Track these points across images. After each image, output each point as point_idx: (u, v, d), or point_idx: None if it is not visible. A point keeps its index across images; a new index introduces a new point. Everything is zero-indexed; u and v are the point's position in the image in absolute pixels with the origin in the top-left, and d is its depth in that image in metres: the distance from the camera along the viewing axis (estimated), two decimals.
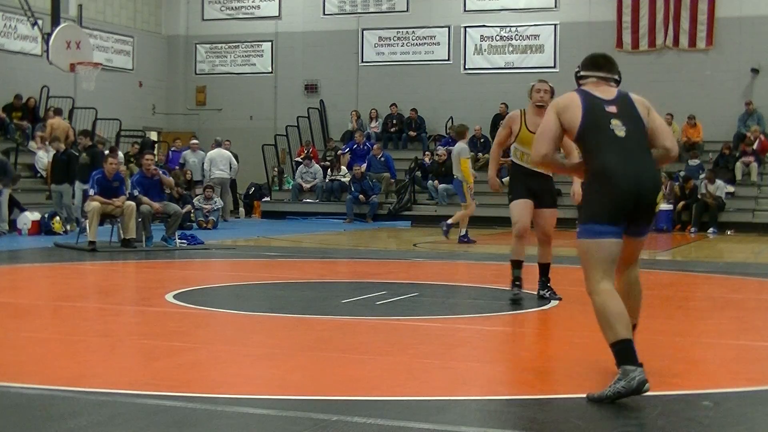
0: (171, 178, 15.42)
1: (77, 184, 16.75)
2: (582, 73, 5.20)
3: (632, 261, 5.14)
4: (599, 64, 5.18)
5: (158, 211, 14.20)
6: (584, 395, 4.96)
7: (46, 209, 17.45)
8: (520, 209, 8.10)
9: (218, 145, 22.68)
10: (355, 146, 23.91)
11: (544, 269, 8.36)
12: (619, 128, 4.88)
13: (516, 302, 8.14)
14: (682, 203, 20.23)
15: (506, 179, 22.80)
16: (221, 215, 20.23)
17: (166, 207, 14.40)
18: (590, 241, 4.82)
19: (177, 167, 21.72)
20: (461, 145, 15.77)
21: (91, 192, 13.75)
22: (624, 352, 4.76)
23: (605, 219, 4.77)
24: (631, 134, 4.88)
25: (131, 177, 16.08)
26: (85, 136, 17.70)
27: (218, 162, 21.74)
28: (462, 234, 15.72)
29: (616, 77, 5.15)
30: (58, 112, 20.53)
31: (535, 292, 8.48)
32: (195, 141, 23.41)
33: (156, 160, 15.10)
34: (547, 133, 4.97)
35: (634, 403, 4.84)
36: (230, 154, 22.23)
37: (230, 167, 21.94)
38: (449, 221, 16.18)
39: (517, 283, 8.26)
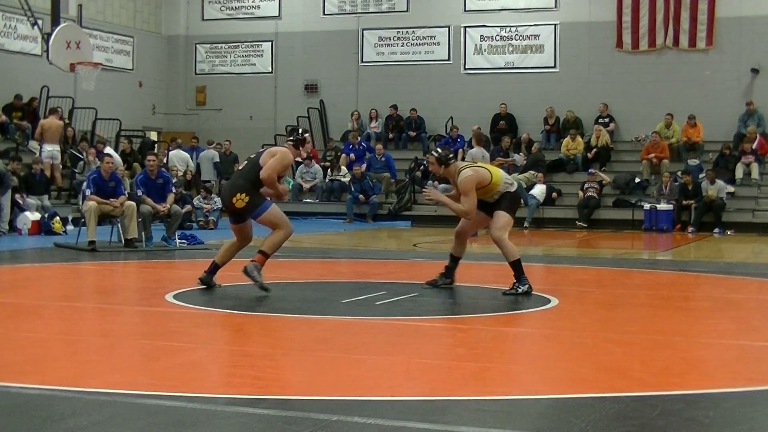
0: (172, 195, 15.08)
1: None
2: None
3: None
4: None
5: (162, 213, 14.18)
6: (585, 395, 4.97)
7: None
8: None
9: (178, 146, 22.71)
10: (351, 147, 23.91)
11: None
12: (243, 163, 8.96)
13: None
14: (690, 202, 20.20)
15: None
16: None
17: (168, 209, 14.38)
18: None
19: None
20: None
21: (88, 192, 13.75)
22: (212, 266, 9.05)
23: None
24: (245, 165, 8.79)
25: (134, 177, 16.05)
26: None
27: (176, 162, 21.79)
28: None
29: (290, 138, 9.05)
30: (52, 111, 20.54)
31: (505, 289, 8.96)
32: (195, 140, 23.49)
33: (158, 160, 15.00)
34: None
35: (634, 403, 4.84)
36: (187, 155, 22.35)
37: (187, 167, 22.00)
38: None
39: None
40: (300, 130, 9.30)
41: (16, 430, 4.23)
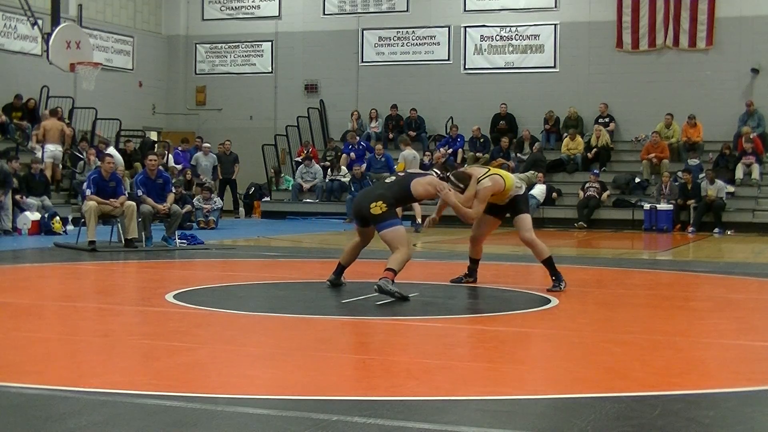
0: (172, 195, 15.04)
1: None
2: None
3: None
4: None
5: (163, 213, 14.16)
6: (585, 395, 4.97)
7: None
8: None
9: (167, 147, 22.73)
10: (351, 147, 23.91)
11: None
12: (390, 178, 9.24)
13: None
14: (690, 202, 20.24)
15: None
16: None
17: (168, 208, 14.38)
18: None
19: (188, 168, 21.80)
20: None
21: (88, 192, 13.76)
22: (337, 268, 9.38)
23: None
24: (393, 181, 9.02)
25: (134, 177, 16.04)
26: None
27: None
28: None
29: (438, 172, 9.33)
30: (53, 112, 20.52)
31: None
32: (207, 144, 23.39)
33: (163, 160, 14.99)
34: None
35: (634, 403, 4.84)
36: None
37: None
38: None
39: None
40: (449, 172, 9.43)
41: (16, 430, 4.23)
